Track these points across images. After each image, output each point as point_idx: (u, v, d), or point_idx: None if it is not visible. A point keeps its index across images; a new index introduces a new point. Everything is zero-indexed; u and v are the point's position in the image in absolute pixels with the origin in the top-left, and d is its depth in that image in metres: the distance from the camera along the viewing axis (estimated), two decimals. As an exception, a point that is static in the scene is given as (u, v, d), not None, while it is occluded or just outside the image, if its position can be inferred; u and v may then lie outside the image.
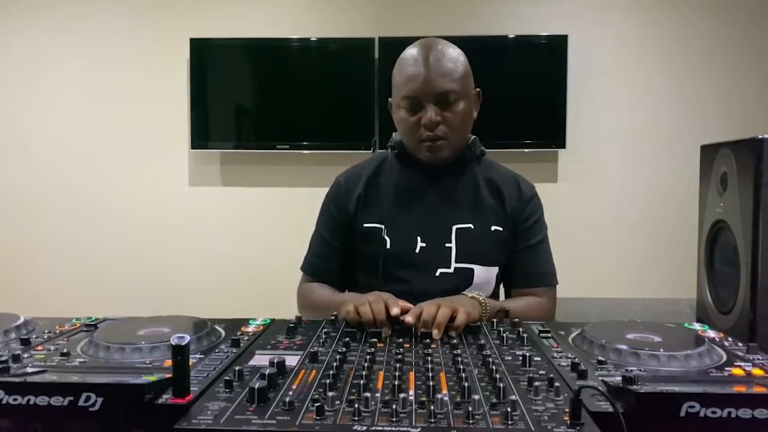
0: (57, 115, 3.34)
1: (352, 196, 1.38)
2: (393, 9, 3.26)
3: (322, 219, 1.44)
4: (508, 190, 1.38)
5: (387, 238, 1.33)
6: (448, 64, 1.26)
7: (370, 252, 1.34)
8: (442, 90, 1.25)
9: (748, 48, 3.20)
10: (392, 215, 1.34)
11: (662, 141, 3.25)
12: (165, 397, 0.69)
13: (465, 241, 1.33)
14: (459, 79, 1.27)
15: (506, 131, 3.21)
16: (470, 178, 1.38)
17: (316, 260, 1.43)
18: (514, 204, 1.37)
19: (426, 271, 1.32)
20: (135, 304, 3.22)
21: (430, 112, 1.25)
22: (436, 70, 1.24)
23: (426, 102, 1.25)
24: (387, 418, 0.65)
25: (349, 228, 1.38)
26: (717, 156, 1.47)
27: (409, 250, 1.32)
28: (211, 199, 3.36)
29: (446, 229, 1.33)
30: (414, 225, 1.34)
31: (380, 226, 1.34)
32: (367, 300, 1.06)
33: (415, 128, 1.28)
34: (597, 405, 0.69)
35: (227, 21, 3.27)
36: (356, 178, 1.40)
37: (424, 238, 1.33)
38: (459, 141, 1.32)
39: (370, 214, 1.36)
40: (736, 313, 1.35)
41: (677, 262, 2.89)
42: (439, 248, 1.32)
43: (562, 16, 3.23)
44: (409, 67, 1.26)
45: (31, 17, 3.30)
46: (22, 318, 1.03)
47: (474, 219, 1.34)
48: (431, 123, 1.25)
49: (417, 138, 1.29)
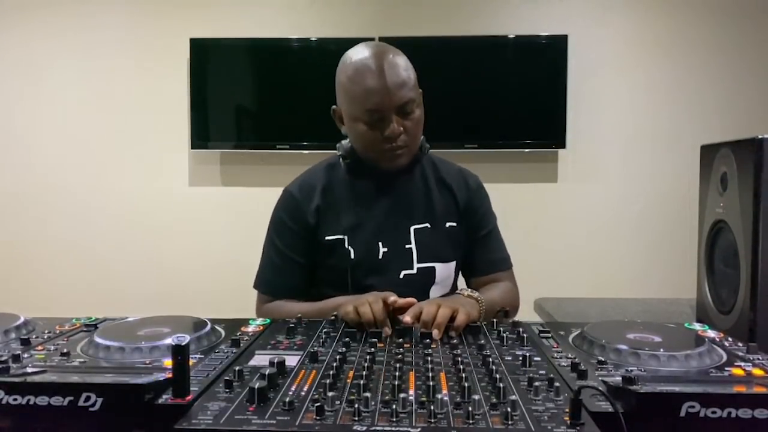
0: (57, 115, 3.34)
1: (309, 209, 1.34)
2: (393, 9, 3.26)
3: (276, 233, 1.37)
4: (457, 186, 1.41)
5: (350, 248, 1.32)
6: (403, 73, 1.24)
7: (334, 264, 1.33)
8: (403, 101, 1.24)
9: (748, 48, 3.21)
10: (352, 225, 1.33)
11: (662, 141, 3.25)
12: (165, 397, 0.69)
13: (424, 241, 1.35)
14: (414, 85, 1.27)
15: (506, 131, 3.21)
16: (421, 179, 1.40)
17: (275, 277, 1.36)
18: (464, 197, 1.41)
19: (390, 275, 1.33)
20: (135, 304, 3.22)
21: (393, 124, 1.24)
22: (395, 82, 1.22)
23: (388, 114, 1.24)
24: (387, 418, 0.65)
25: (309, 242, 1.34)
26: (717, 156, 1.47)
27: (373, 256, 1.33)
28: (211, 199, 3.36)
29: (405, 231, 1.35)
30: (374, 231, 1.34)
31: (342, 237, 1.32)
32: (367, 300, 1.06)
33: (377, 141, 1.26)
34: (597, 405, 0.69)
35: (227, 21, 3.27)
36: (310, 188, 1.37)
37: (385, 243, 1.34)
38: (415, 145, 1.33)
39: (330, 226, 1.34)
40: (736, 313, 1.35)
41: (677, 262, 2.89)
42: (401, 251, 1.34)
43: (562, 16, 3.23)
44: (367, 80, 1.22)
45: (31, 17, 3.30)
46: (22, 318, 1.03)
47: (429, 218, 1.37)
48: (395, 135, 1.24)
49: (379, 149, 1.28)
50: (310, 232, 1.34)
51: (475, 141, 3.14)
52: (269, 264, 1.38)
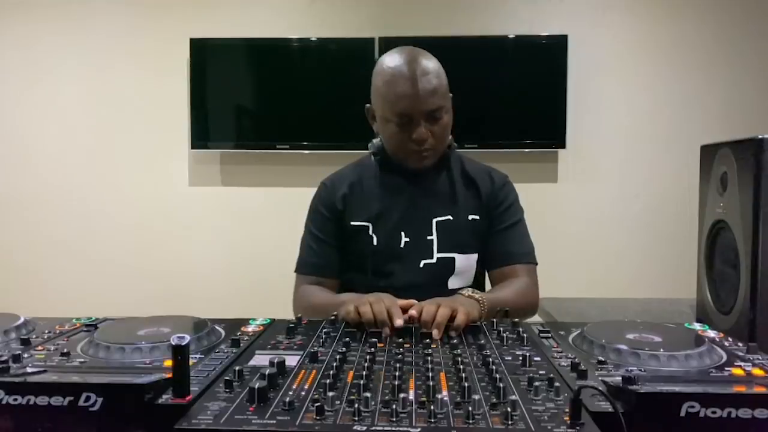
0: (57, 116, 3.34)
1: (338, 196, 1.44)
2: (393, 9, 3.26)
3: (312, 221, 1.48)
4: (481, 181, 1.47)
5: (373, 235, 1.40)
6: (434, 80, 1.31)
7: (358, 249, 1.41)
8: (432, 108, 1.31)
9: (748, 48, 3.20)
10: (377, 214, 1.41)
11: (662, 141, 3.25)
12: (165, 397, 0.69)
13: (445, 232, 1.41)
14: (444, 92, 1.35)
15: (506, 131, 3.21)
16: (447, 174, 1.46)
17: (313, 259, 1.45)
18: (488, 192, 1.46)
19: (410, 263, 1.39)
20: (135, 304, 3.21)
21: (421, 128, 1.32)
22: (426, 89, 1.29)
23: (417, 118, 1.31)
24: (387, 418, 0.65)
25: (339, 226, 1.44)
26: (717, 156, 1.47)
27: (395, 245, 1.40)
28: (211, 199, 3.36)
29: (427, 222, 1.41)
30: (398, 222, 1.41)
31: (367, 224, 1.41)
32: (368, 300, 1.07)
33: (405, 142, 1.35)
34: (597, 405, 0.69)
35: (227, 21, 3.27)
36: (340, 180, 1.48)
37: (407, 233, 1.40)
38: (442, 147, 1.41)
39: (356, 213, 1.43)
40: (736, 313, 1.35)
41: (677, 262, 2.89)
42: (422, 241, 1.40)
43: (562, 16, 3.23)
44: (400, 85, 1.30)
45: (31, 18, 3.30)
46: (22, 318, 1.03)
47: (452, 211, 1.42)
48: (422, 139, 1.33)
49: (406, 150, 1.36)
50: (338, 217, 1.44)
51: (475, 141, 3.13)
52: (306, 248, 1.47)
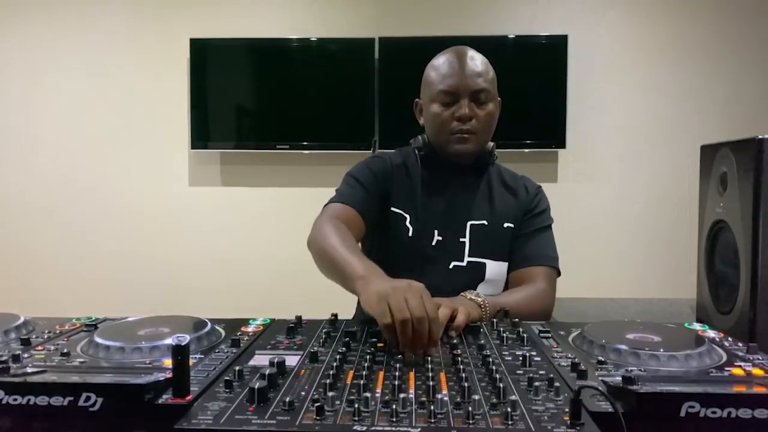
0: (57, 116, 3.34)
1: (389, 173, 1.43)
2: (393, 9, 3.26)
3: (358, 171, 1.42)
4: (519, 189, 1.49)
5: (410, 227, 1.39)
6: (482, 66, 1.36)
7: (393, 236, 1.40)
8: (477, 87, 1.34)
9: (748, 48, 3.21)
10: (416, 206, 1.40)
11: (662, 141, 3.25)
12: (165, 397, 0.69)
13: (478, 236, 1.40)
14: (491, 81, 1.38)
15: (506, 131, 3.15)
16: (486, 179, 1.48)
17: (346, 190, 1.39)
18: (524, 200, 1.47)
19: (440, 264, 1.38)
20: (135, 304, 3.22)
21: (464, 106, 1.33)
22: (472, 69, 1.34)
23: (462, 97, 1.34)
24: (387, 418, 0.65)
25: (383, 191, 1.41)
26: (717, 156, 1.47)
27: (427, 242, 1.39)
28: (211, 199, 3.36)
29: (461, 225, 1.41)
30: (433, 219, 1.40)
31: (405, 214, 1.41)
32: (407, 302, 0.89)
33: (448, 121, 1.35)
34: (597, 405, 0.68)
35: (227, 21, 3.27)
36: (393, 159, 1.47)
37: (440, 232, 1.40)
38: (484, 139, 1.40)
39: (397, 199, 1.42)
40: (736, 313, 1.35)
41: (677, 262, 2.89)
42: (454, 242, 1.40)
43: (562, 16, 3.23)
44: (445, 66, 1.35)
45: (31, 18, 3.30)
46: (22, 318, 1.03)
47: (488, 216, 1.42)
48: (465, 116, 1.33)
49: (449, 130, 1.36)
50: (384, 189, 1.41)
51: (475, 141, 3.14)
52: (343, 186, 1.42)
